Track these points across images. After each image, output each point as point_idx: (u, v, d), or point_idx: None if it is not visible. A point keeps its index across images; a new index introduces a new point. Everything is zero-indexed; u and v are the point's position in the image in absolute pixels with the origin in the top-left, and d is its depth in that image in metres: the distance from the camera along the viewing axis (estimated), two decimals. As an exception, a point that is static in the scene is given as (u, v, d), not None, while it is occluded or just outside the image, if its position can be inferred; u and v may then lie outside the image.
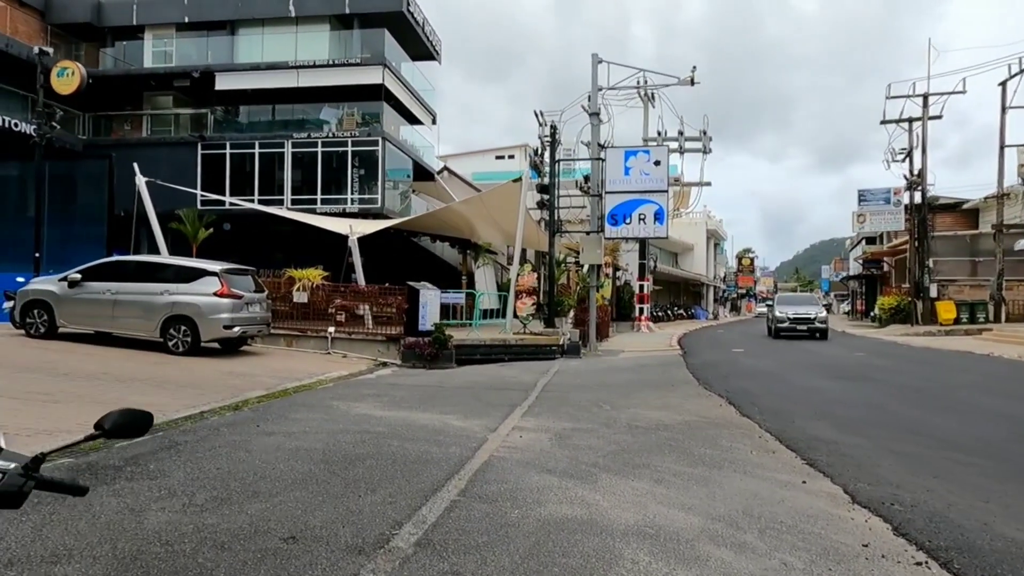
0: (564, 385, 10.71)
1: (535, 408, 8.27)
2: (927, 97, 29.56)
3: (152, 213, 16.30)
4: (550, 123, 17.46)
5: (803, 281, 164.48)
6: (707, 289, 58.35)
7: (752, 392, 9.87)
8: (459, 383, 10.81)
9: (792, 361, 15.15)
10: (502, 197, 17.71)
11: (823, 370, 13.13)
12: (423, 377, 11.58)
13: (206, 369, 10.61)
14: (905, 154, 30.98)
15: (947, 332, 26.06)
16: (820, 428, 7.12)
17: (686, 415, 7.92)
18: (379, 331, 14.25)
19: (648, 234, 16.37)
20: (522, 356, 14.81)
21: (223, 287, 11.85)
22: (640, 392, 9.94)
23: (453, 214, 19.92)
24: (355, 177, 26.72)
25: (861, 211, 31.85)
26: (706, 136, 26.17)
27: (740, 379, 11.53)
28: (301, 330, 14.42)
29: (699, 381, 11.29)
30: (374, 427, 6.76)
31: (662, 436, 6.63)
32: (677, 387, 10.60)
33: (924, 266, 29.51)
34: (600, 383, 11.03)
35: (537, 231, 20.73)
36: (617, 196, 16.31)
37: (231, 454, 5.44)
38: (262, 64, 26.88)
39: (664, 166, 16.20)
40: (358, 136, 26.47)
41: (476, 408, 8.15)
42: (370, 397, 8.88)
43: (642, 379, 11.65)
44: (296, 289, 14.20)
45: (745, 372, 12.72)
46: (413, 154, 30.59)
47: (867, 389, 10.47)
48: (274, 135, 27.15)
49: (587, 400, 8.99)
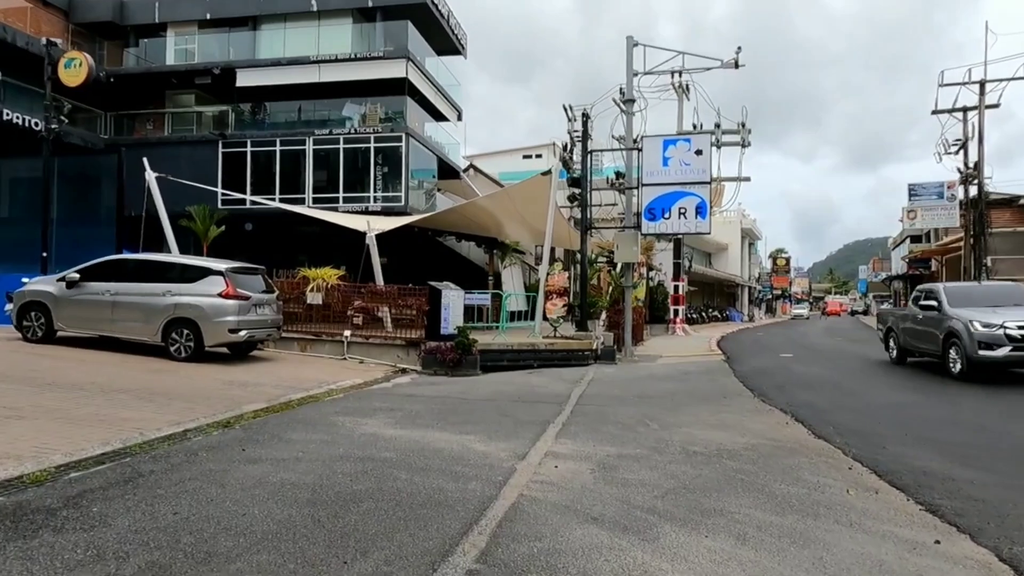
0: (601, 397, 9.53)
1: (570, 426, 7.11)
2: (984, 84, 27.61)
3: (163, 210, 15.54)
4: (581, 112, 16.27)
5: (837, 282, 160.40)
6: (741, 290, 56.46)
7: (820, 407, 8.57)
8: (484, 394, 9.70)
9: (852, 369, 13.72)
10: (530, 192, 16.60)
11: (892, 379, 11.72)
12: (444, 387, 10.50)
13: (206, 377, 9.66)
14: (959, 146, 29.04)
15: (1009, 335, 24.17)
16: (923, 456, 5.84)
17: (749, 436, 6.69)
18: (398, 335, 13.22)
19: (689, 230, 15.09)
20: (552, 362, 13.66)
21: (228, 287, 10.92)
22: (689, 406, 8.71)
23: (478, 210, 18.86)
24: (378, 175, 25.86)
25: (912, 207, 29.97)
26: (744, 128, 24.58)
27: (800, 390, 10.22)
28: (316, 334, 13.46)
29: (753, 392, 10.01)
30: (381, 452, 5.67)
31: (728, 467, 5.42)
32: (730, 399, 9.35)
33: (982, 265, 27.56)
34: (641, 394, 9.83)
35: (568, 229, 19.56)
36: (655, 189, 15.06)
37: (200, 491, 4.40)
38: (283, 60, 26.15)
39: (706, 155, 14.91)
40: (381, 132, 25.59)
41: (502, 426, 7.02)
42: (382, 411, 7.81)
43: (688, 389, 10.40)
44: (310, 290, 13.26)
45: (803, 381, 11.39)
46: (438, 151, 29.64)
47: (959, 406, 9.09)
48: (295, 132, 26.42)
49: (630, 416, 7.81)
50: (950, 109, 29.35)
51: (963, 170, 29.27)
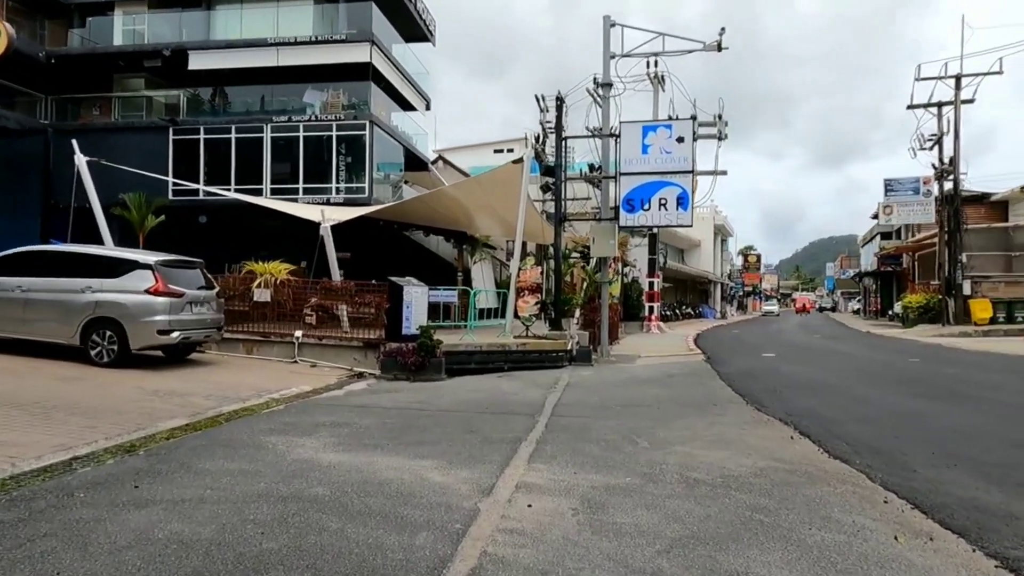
0: (579, 405, 8.50)
1: (546, 445, 6.06)
2: (959, 78, 27.34)
3: (95, 198, 14.09)
4: (555, 96, 15.23)
5: (804, 279, 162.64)
6: (714, 287, 56.19)
7: (824, 416, 7.66)
8: (447, 403, 8.60)
9: (844, 370, 12.95)
10: (500, 181, 15.52)
11: (891, 382, 10.93)
12: (403, 394, 9.37)
13: (126, 386, 8.39)
14: (935, 141, 28.76)
15: (985, 333, 23.90)
16: (965, 483, 4.92)
17: (755, 457, 5.71)
18: (355, 335, 12.05)
19: (670, 222, 14.16)
20: (524, 364, 12.62)
21: (158, 283, 9.63)
22: (679, 417, 7.73)
23: (446, 202, 17.71)
24: (341, 165, 24.51)
25: (888, 202, 29.60)
26: (721, 120, 23.85)
27: (796, 395, 9.33)
28: (264, 334, 12.20)
29: (746, 398, 9.08)
30: (311, 487, 4.55)
31: (740, 502, 4.42)
32: (723, 408, 8.40)
33: (957, 261, 27.31)
34: (625, 402, 8.83)
35: (540, 222, 18.53)
36: (634, 178, 14.10)
37: (48, 557, 3.24)
38: (239, 42, 24.64)
39: (688, 143, 13.99)
40: (343, 120, 24.25)
41: (466, 446, 5.94)
42: (326, 428, 6.67)
43: (675, 396, 9.44)
44: (256, 286, 12.00)
45: (796, 385, 10.52)
46: (405, 141, 28.38)
47: (977, 413, 8.27)
48: (252, 119, 24.91)
49: (614, 431, 6.79)
50: (925, 104, 29.06)
51: (938, 166, 29.00)
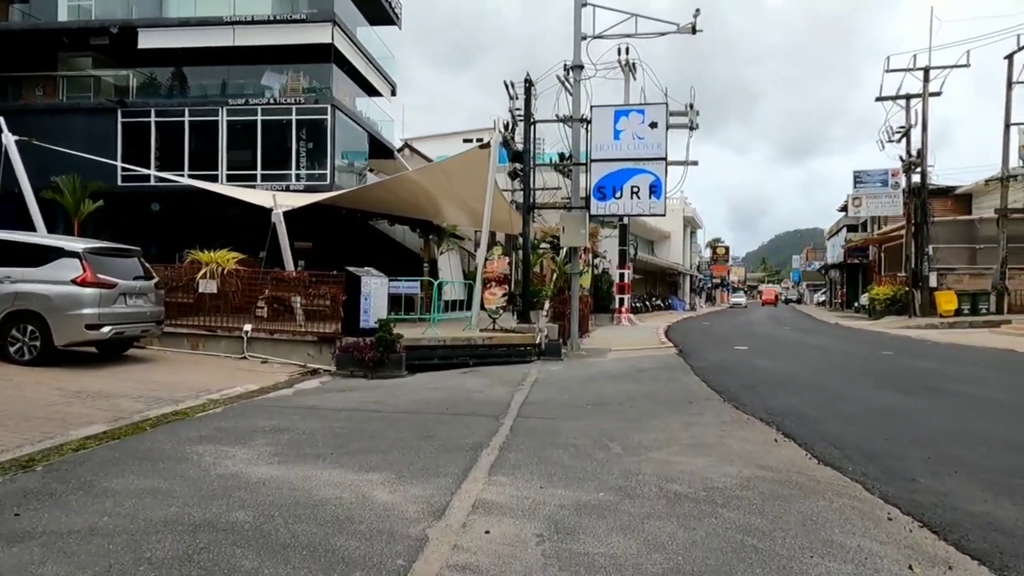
0: (548, 405, 7.92)
1: (510, 452, 5.46)
2: (928, 71, 27.39)
3: (25, 181, 13.03)
4: (524, 78, 14.57)
5: (770, 271, 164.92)
6: (683, 279, 56.23)
7: (806, 415, 7.20)
8: (405, 403, 7.93)
9: (819, 364, 12.61)
10: (467, 167, 14.83)
11: (870, 377, 10.57)
12: (358, 393, 8.67)
13: (44, 387, 7.55)
14: (902, 134, 28.82)
15: (950, 325, 24.01)
16: (973, 494, 4.44)
17: (739, 464, 5.18)
18: (310, 329, 11.28)
19: (643, 211, 13.64)
20: (491, 359, 12.00)
21: (86, 272, 8.76)
22: (654, 416, 7.19)
23: (411, 189, 16.95)
24: (301, 151, 23.54)
25: (857, 194, 29.63)
26: (693, 110, 23.49)
27: (775, 391, 8.88)
28: (210, 328, 11.35)
29: (722, 396, 8.60)
30: (232, 511, 3.87)
31: (729, 522, 3.87)
32: (699, 406, 7.89)
33: (923, 253, 27.45)
34: (595, 400, 8.27)
35: (509, 211, 17.90)
36: (605, 165, 13.53)
37: None
38: (192, 20, 23.43)
39: (661, 129, 13.46)
40: (304, 103, 23.25)
41: (420, 456, 5.30)
42: (264, 435, 5.96)
43: (648, 392, 8.91)
44: (201, 276, 11.14)
45: (773, 380, 10.09)
46: (370, 127, 27.46)
47: (962, 409, 7.89)
48: (207, 101, 23.73)
49: (584, 433, 6.21)
50: (894, 96, 29.09)
51: (906, 158, 29.11)
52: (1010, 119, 26.10)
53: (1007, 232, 26.26)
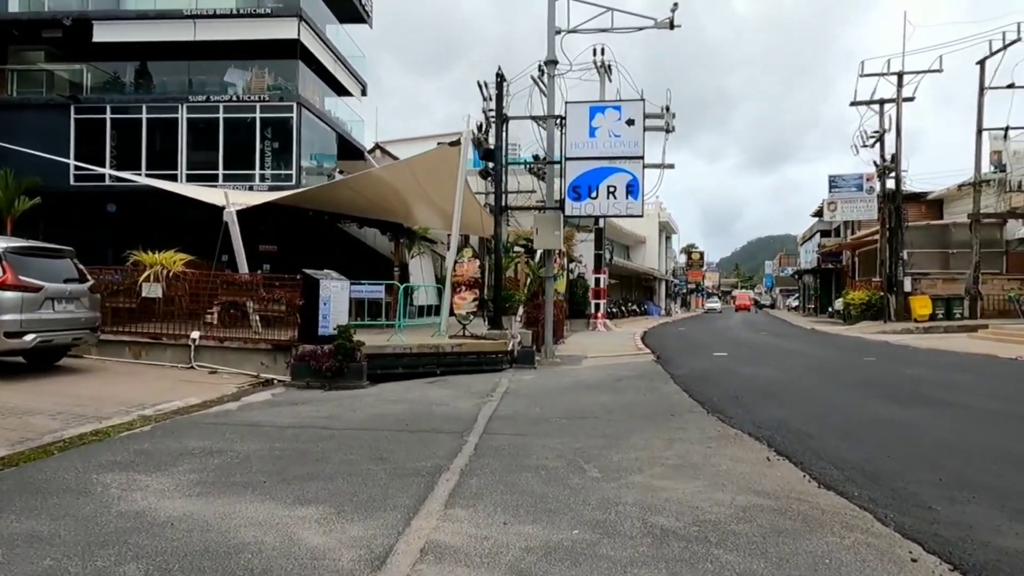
0: (518, 419, 7.25)
1: (473, 478, 4.78)
2: (901, 75, 27.41)
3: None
4: (496, 71, 13.93)
5: (743, 277, 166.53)
6: (659, 284, 56.07)
7: (799, 429, 6.63)
8: (360, 418, 7.20)
9: (802, 371, 12.12)
10: (436, 167, 14.14)
11: (857, 385, 10.08)
12: (311, 407, 7.91)
13: (-52, 404, 6.68)
14: (876, 138, 28.82)
15: (926, 329, 23.89)
16: (997, 523, 3.87)
17: (733, 490, 4.57)
18: (264, 336, 10.47)
19: (619, 211, 13.08)
20: (460, 368, 11.31)
21: (7, 274, 7.89)
22: (634, 432, 6.56)
23: (379, 187, 16.18)
24: (266, 150, 22.63)
25: (833, 199, 29.56)
26: (669, 113, 23.08)
27: (761, 402, 8.32)
28: (154, 336, 10.49)
29: (706, 406, 8.01)
30: (122, 563, 3.14)
31: (728, 568, 3.23)
32: (681, 418, 7.28)
33: (898, 258, 27.39)
34: (570, 413, 7.62)
35: (481, 214, 17.22)
36: (580, 164, 12.95)
37: None
38: (151, 12, 22.44)
39: (639, 126, 12.93)
40: (268, 101, 22.37)
41: (367, 484, 4.60)
42: (191, 459, 5.20)
43: (627, 404, 8.29)
44: (144, 279, 10.28)
45: (758, 389, 9.55)
46: (338, 127, 26.64)
47: (960, 420, 7.40)
48: (166, 98, 22.72)
49: (558, 453, 5.56)
50: (868, 101, 29.07)
51: (879, 163, 29.10)
52: (982, 124, 26.17)
53: (980, 237, 26.30)
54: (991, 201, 27.47)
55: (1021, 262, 27.98)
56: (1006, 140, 26.16)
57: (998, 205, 27.34)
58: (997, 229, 28.04)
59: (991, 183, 26.58)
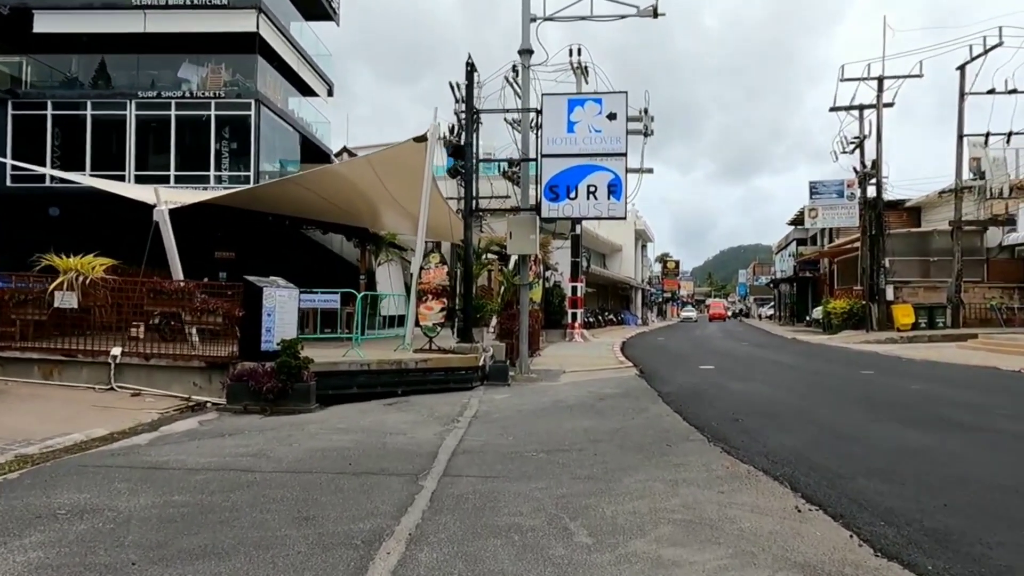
0: (487, 454, 6.07)
1: (423, 549, 3.59)
2: (882, 80, 26.94)
3: None
4: (467, 61, 12.79)
5: (716, 286, 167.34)
6: (635, 293, 55.32)
7: (821, 464, 5.55)
8: (295, 455, 5.95)
9: (797, 386, 11.13)
10: (401, 165, 12.97)
11: (863, 403, 9.08)
12: (238, 440, 6.63)
13: None
14: (856, 144, 28.31)
15: (910, 339, 23.27)
16: None
17: (768, 563, 3.45)
18: (198, 352, 9.14)
19: (600, 213, 12.00)
20: (425, 386, 10.11)
21: None
22: (627, 469, 5.42)
23: (340, 189, 14.92)
24: (223, 151, 21.22)
25: (813, 205, 28.96)
26: (647, 115, 22.19)
27: (765, 426, 7.25)
28: (68, 352, 9.10)
29: (704, 432, 6.92)
30: None
31: None
32: (681, 450, 6.17)
33: (880, 266, 26.82)
34: (548, 444, 6.46)
35: (450, 217, 16.06)
36: (558, 161, 11.86)
37: None
38: (96, 2, 20.92)
39: (621, 121, 11.89)
40: (225, 98, 20.98)
41: (277, 564, 3.38)
42: (47, 525, 3.93)
43: (614, 430, 7.15)
44: (56, 286, 8.90)
45: (757, 410, 8.49)
46: (303, 128, 25.30)
47: (1000, 450, 6.41)
48: (113, 94, 21.20)
49: (535, 505, 4.40)
50: (847, 107, 28.58)
51: (859, 169, 28.59)
52: (963, 130, 25.76)
53: (962, 244, 25.84)
54: (971, 208, 27.07)
55: (1002, 270, 27.60)
56: (986, 146, 25.78)
57: (978, 212, 26.97)
58: (978, 236, 27.65)
59: (973, 190, 26.17)
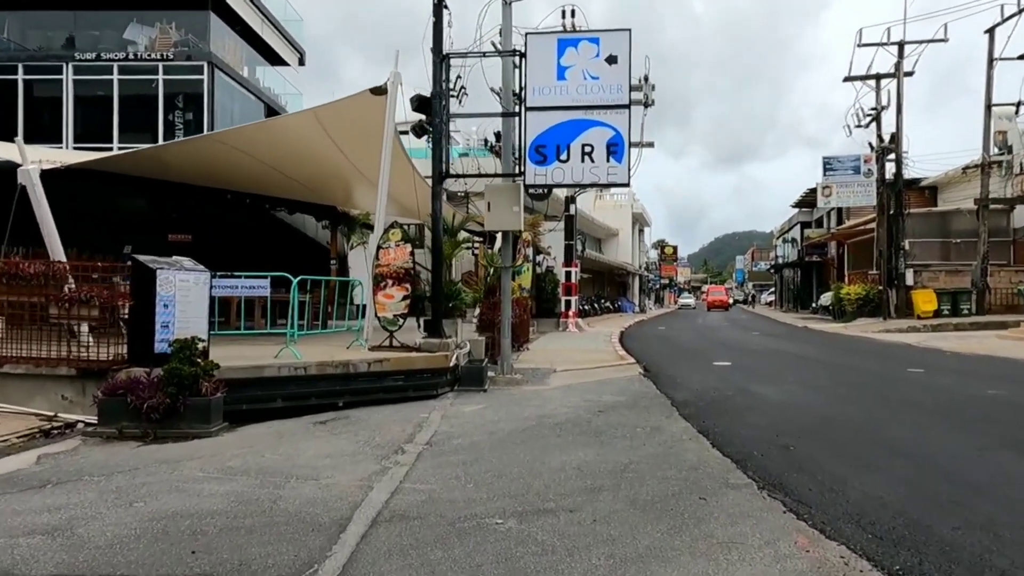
0: (426, 524, 3.93)
1: None
2: (903, 45, 24.73)
3: None
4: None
5: (712, 272, 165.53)
6: (633, 279, 53.23)
7: (954, 540, 3.45)
8: (111, 538, 3.78)
9: (840, 389, 9.03)
10: (360, 124, 10.75)
11: (938, 416, 7.01)
12: (59, 495, 4.48)
13: None
14: (872, 117, 26.14)
15: (934, 327, 21.25)
16: None
17: None
18: (66, 355, 6.98)
19: (598, 178, 9.80)
20: (376, 395, 8.00)
21: None
22: (645, 561, 3.30)
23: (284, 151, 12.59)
24: (176, 121, 18.91)
25: (827, 183, 26.81)
26: (648, 84, 19.83)
27: (835, 459, 5.15)
28: None
29: (748, 471, 4.83)
30: None
31: None
32: (722, 507, 4.05)
33: (899, 248, 24.76)
34: (523, 497, 4.33)
35: (417, 190, 13.78)
36: (546, 115, 9.68)
37: None
38: (27, -50, 18.51)
39: (623, 65, 9.70)
40: (173, 60, 18.65)
41: None
42: None
43: (618, 470, 5.02)
44: None
45: (807, 428, 6.39)
46: (268, 98, 22.94)
47: None
48: (47, 56, 18.84)
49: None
50: (863, 76, 26.38)
51: (876, 144, 26.45)
52: (991, 99, 23.61)
53: (989, 224, 23.77)
54: (996, 186, 24.95)
55: (1031, 252, 25.59)
56: (1016, 115, 23.63)
57: (1005, 190, 24.86)
58: (1004, 216, 25.59)
59: (1000, 165, 24.04)
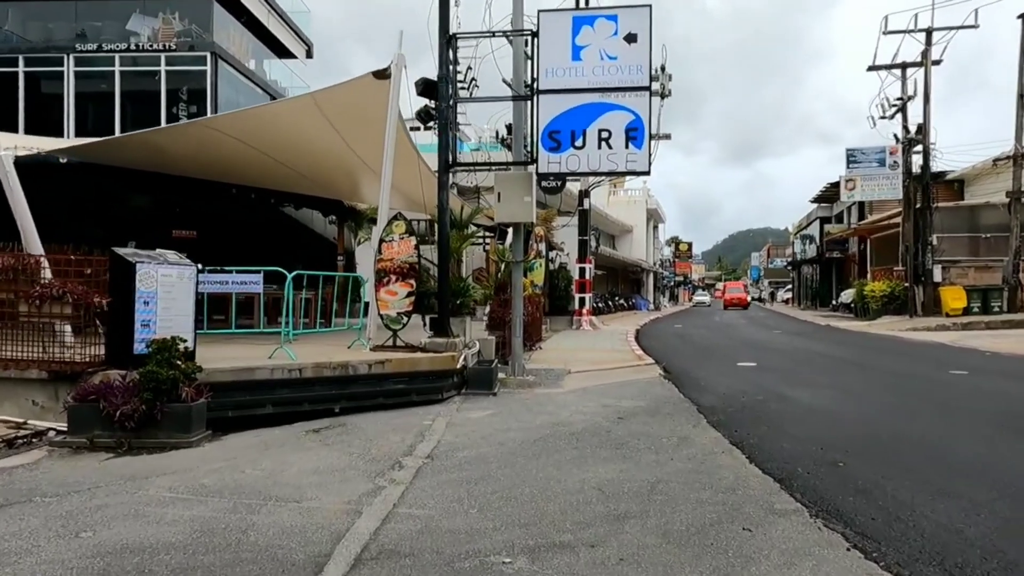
0: (419, 561, 3.30)
1: None
2: (931, 32, 23.77)
3: None
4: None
5: (727, 269, 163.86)
6: (647, 276, 52.37)
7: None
8: (60, 574, 3.21)
9: (881, 394, 8.31)
10: (365, 112, 10.12)
11: (996, 425, 6.28)
12: (26, 516, 3.90)
13: None
14: (898, 108, 25.20)
15: (964, 326, 20.36)
16: None
17: None
18: (36, 357, 6.43)
19: (616, 166, 9.14)
20: (376, 400, 7.40)
21: None
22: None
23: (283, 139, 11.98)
24: (179, 114, 18.42)
25: (851, 175, 25.90)
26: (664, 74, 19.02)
27: (897, 479, 4.47)
28: None
29: (796, 493, 4.17)
30: None
31: None
32: (768, 541, 3.39)
33: (927, 244, 23.83)
34: (535, 526, 3.70)
35: (423, 182, 13.11)
36: (560, 98, 9.03)
37: None
38: (28, -60, 18.09)
39: (644, 43, 9.03)
40: (176, 51, 18.16)
41: None
42: None
43: (644, 491, 4.38)
44: None
45: (861, 442, 5.70)
46: (274, 91, 22.42)
47: None
48: (48, 48, 18.42)
49: None
50: (888, 65, 25.45)
51: (902, 136, 25.51)
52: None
53: (1021, 219, 22.78)
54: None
55: (1064, 247, 24.51)
56: (1051, 106, 22.59)
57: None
58: (1039, 209, 24.52)
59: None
